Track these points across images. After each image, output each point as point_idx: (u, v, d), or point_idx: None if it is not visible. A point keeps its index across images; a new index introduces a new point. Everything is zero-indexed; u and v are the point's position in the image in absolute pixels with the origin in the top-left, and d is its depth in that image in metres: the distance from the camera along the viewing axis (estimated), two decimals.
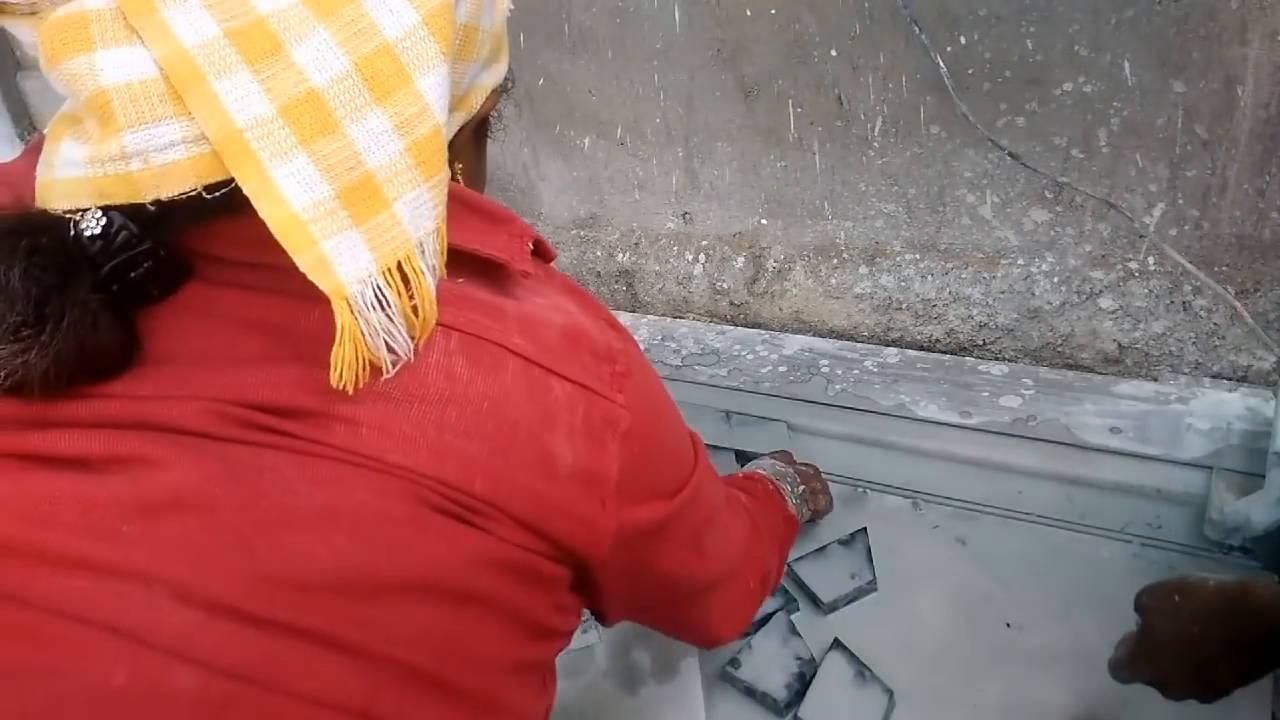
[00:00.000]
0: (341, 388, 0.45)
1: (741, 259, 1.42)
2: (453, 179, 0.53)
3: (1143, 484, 1.02)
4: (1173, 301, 1.15)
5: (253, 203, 0.43)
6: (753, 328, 1.43)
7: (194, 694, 0.41)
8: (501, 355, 0.50)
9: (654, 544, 0.59)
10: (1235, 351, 1.14)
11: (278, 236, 0.43)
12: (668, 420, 0.61)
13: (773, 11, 1.19)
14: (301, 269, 0.44)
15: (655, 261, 1.49)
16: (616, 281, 1.54)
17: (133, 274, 0.46)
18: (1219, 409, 1.09)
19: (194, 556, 0.43)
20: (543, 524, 0.50)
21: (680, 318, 1.49)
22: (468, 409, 0.48)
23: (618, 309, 1.54)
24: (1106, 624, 0.91)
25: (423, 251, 0.46)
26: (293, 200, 0.43)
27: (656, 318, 1.51)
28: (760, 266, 1.41)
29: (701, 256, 1.46)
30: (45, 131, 0.48)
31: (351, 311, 0.44)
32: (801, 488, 1.01)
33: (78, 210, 0.45)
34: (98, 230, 0.45)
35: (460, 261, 0.51)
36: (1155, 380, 1.17)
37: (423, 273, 0.46)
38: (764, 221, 1.39)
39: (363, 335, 0.45)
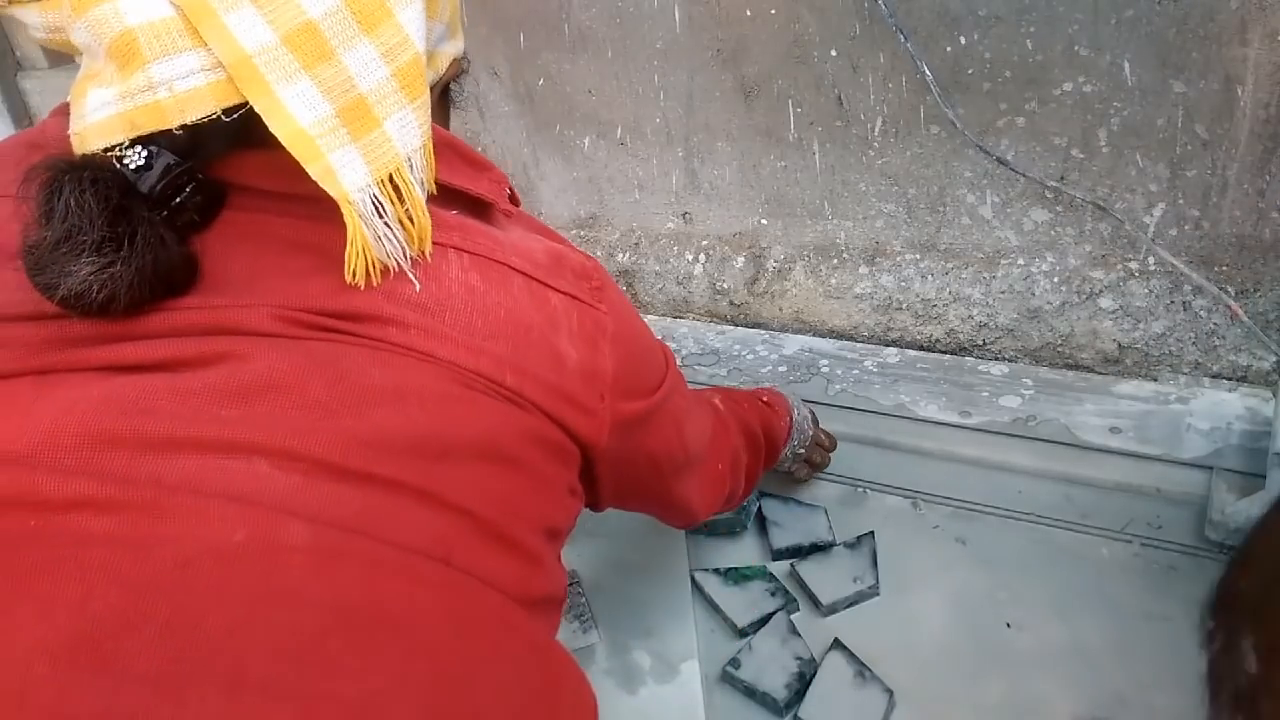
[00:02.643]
0: (354, 283, 0.52)
1: (741, 259, 1.42)
2: None
3: (1143, 484, 1.03)
4: (1173, 301, 1.15)
5: (265, 120, 0.49)
6: (753, 328, 1.43)
7: (308, 543, 0.45)
8: (506, 272, 0.58)
9: (641, 433, 0.67)
10: (1235, 351, 1.14)
11: (289, 148, 0.49)
12: (641, 328, 0.70)
13: (773, 11, 1.19)
14: (313, 177, 0.49)
15: (655, 261, 1.49)
16: (616, 281, 1.53)
17: (178, 199, 0.51)
18: (1219, 409, 1.09)
19: (291, 426, 0.48)
20: (558, 413, 0.57)
21: (680, 318, 1.50)
22: (489, 316, 0.55)
23: None
24: (1106, 624, 0.92)
25: (411, 166, 0.53)
26: (299, 117, 0.49)
27: (656, 318, 1.51)
28: (760, 266, 1.41)
29: (701, 256, 1.46)
30: (69, 99, 0.53)
31: (357, 216, 0.50)
32: (802, 451, 1.07)
33: (115, 147, 0.50)
34: (141, 161, 0.50)
35: (453, 198, 0.59)
36: (1155, 380, 1.17)
37: (412, 184, 0.52)
38: (764, 221, 1.39)
39: (368, 238, 0.51)
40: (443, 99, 0.71)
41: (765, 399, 1.01)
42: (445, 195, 0.58)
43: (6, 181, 0.55)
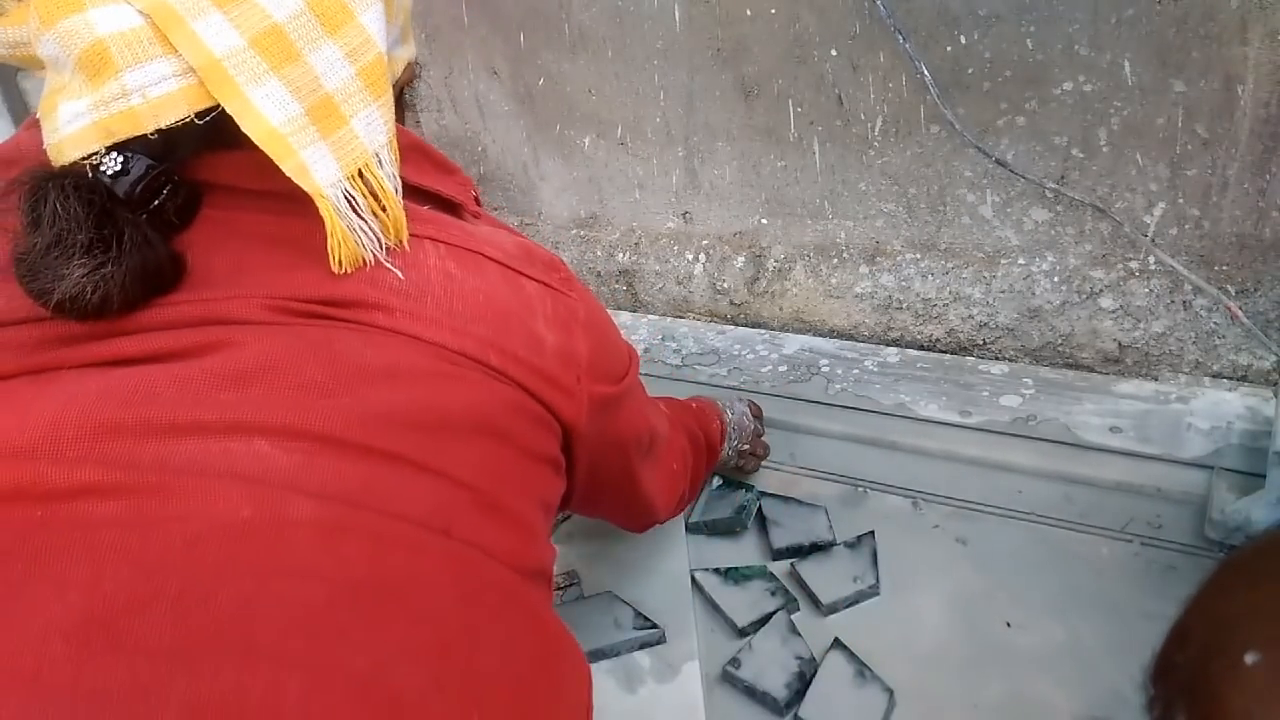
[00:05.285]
0: (341, 272, 0.53)
1: (742, 258, 1.42)
2: None
3: (1143, 483, 1.02)
4: (1173, 301, 1.15)
5: (238, 121, 0.50)
6: (753, 327, 1.43)
7: (313, 518, 0.46)
8: (480, 260, 0.60)
9: (613, 415, 0.70)
10: (1235, 351, 1.14)
11: (262, 147, 0.50)
12: (606, 317, 0.72)
13: (773, 11, 1.19)
14: (287, 173, 0.51)
15: (655, 261, 1.49)
16: (616, 281, 1.54)
17: (155, 201, 0.52)
18: (1219, 408, 1.09)
19: (289, 405, 0.49)
20: (540, 391, 0.59)
21: (680, 317, 1.50)
22: (468, 300, 0.57)
23: (618, 309, 1.54)
24: (1106, 624, 0.92)
25: (380, 162, 0.54)
26: (270, 117, 0.51)
27: (657, 317, 1.51)
28: (760, 266, 1.41)
29: (702, 256, 1.46)
30: (37, 114, 0.54)
31: (332, 209, 0.52)
32: (745, 448, 1.11)
33: (91, 155, 0.50)
34: (117, 167, 0.51)
35: (424, 197, 0.62)
36: (1155, 380, 1.17)
37: (383, 179, 0.54)
38: (764, 221, 1.39)
39: (345, 230, 0.53)
40: (397, 104, 0.73)
41: (694, 405, 1.05)
42: (417, 194, 0.60)
43: None
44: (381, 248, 0.55)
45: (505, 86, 1.45)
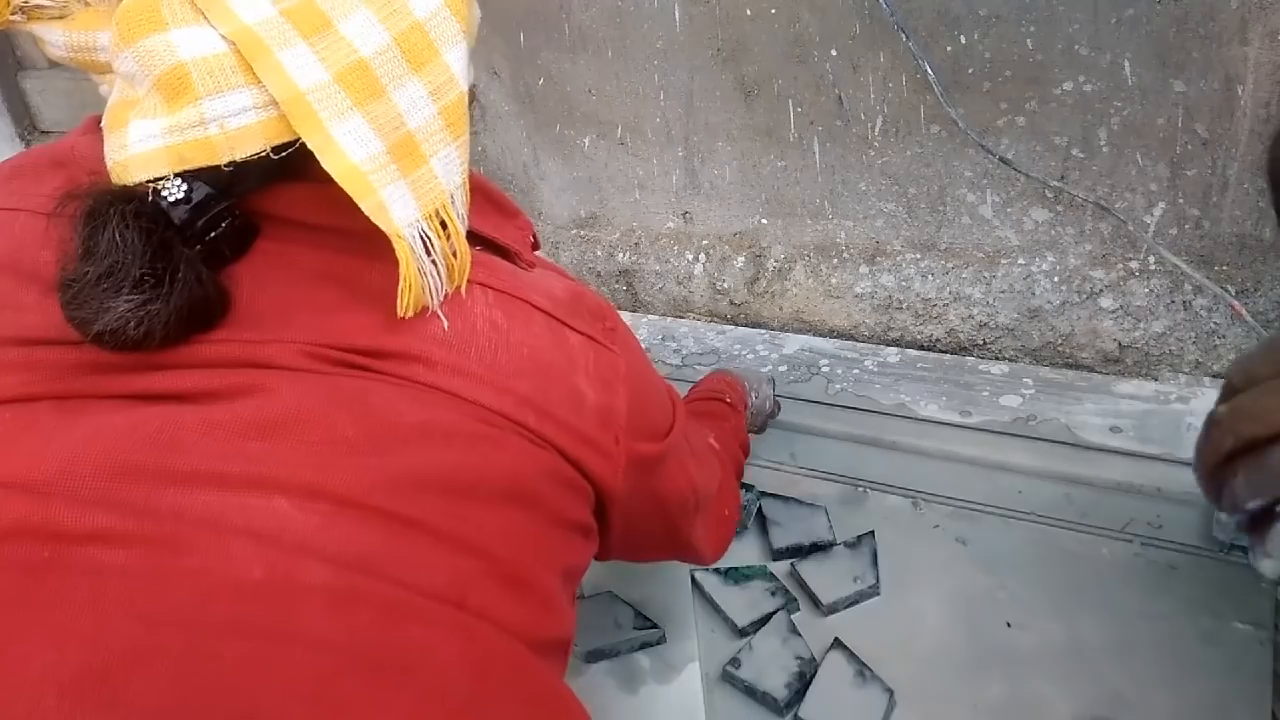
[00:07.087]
0: (404, 315, 0.52)
1: (742, 259, 1.42)
2: None
3: (1143, 483, 1.02)
4: (1173, 301, 1.15)
5: (318, 157, 0.49)
6: (753, 327, 1.43)
7: (325, 584, 0.45)
8: (528, 310, 0.58)
9: (654, 476, 0.67)
10: (1235, 351, 1.14)
11: (343, 184, 0.49)
12: (650, 369, 0.70)
13: (773, 11, 1.19)
14: (365, 212, 0.49)
15: (655, 261, 1.49)
16: (616, 281, 1.54)
17: (213, 234, 0.51)
18: None
19: (315, 462, 0.47)
20: (576, 454, 0.57)
21: (681, 317, 1.49)
22: (512, 353, 0.55)
23: (618, 309, 1.54)
24: (1106, 624, 0.92)
25: (454, 202, 0.53)
26: (352, 154, 0.49)
27: (657, 317, 1.51)
28: (760, 266, 1.41)
29: (702, 256, 1.46)
30: (102, 124, 0.52)
31: (409, 250, 0.51)
32: (767, 387, 1.12)
33: (156, 180, 0.49)
34: (180, 195, 0.49)
35: (476, 239, 0.60)
36: (1155, 380, 1.17)
37: (457, 220, 0.53)
38: (764, 221, 1.39)
39: (416, 273, 0.51)
40: None
41: (729, 400, 1.02)
42: (470, 237, 0.58)
43: (29, 195, 0.54)
44: (441, 293, 0.53)
45: (505, 86, 1.45)
